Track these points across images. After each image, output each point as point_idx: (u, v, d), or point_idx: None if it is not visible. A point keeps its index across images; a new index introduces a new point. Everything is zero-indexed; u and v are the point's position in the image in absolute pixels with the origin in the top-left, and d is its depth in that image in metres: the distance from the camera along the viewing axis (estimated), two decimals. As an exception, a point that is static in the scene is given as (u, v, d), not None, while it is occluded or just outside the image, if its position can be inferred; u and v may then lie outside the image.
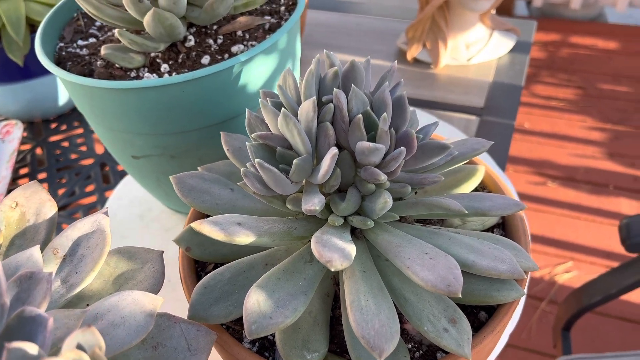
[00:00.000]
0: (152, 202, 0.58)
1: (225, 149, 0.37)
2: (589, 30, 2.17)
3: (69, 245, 0.31)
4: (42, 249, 0.31)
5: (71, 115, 0.77)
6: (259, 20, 0.44)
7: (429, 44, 0.79)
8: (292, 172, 0.30)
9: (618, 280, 0.76)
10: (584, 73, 1.97)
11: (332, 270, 0.27)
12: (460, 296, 0.27)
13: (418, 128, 0.35)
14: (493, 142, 0.37)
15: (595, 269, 1.38)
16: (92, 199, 0.63)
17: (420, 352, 0.32)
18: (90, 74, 0.42)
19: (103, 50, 0.41)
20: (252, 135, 0.31)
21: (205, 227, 0.29)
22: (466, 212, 0.31)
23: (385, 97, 0.31)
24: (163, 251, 0.34)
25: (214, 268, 0.37)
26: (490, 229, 0.38)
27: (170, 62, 0.42)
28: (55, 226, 0.33)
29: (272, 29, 0.44)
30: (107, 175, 0.68)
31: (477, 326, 0.33)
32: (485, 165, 0.40)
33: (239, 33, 0.44)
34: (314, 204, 0.29)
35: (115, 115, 0.41)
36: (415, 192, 0.38)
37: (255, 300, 0.28)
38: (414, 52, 0.79)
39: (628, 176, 1.62)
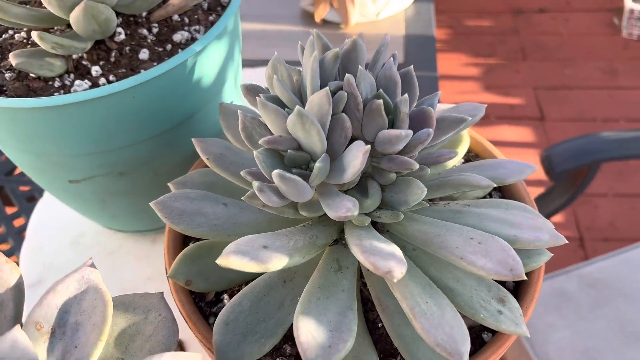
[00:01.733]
0: (84, 223, 0.50)
1: (204, 158, 0.31)
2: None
3: (55, 315, 0.25)
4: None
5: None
6: (194, 0, 0.38)
7: (336, 3, 0.75)
8: (314, 177, 0.26)
9: (542, 207, 0.81)
10: (450, 13, 2.06)
11: (395, 280, 0.24)
12: (525, 277, 0.25)
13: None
14: (487, 105, 0.36)
15: (494, 196, 1.48)
16: (-3, 232, 0.53)
17: (465, 336, 0.31)
18: (-2, 90, 0.34)
19: (14, 60, 0.32)
20: (260, 141, 0.26)
21: (234, 262, 0.24)
22: (494, 184, 0.29)
23: (394, 74, 0.28)
24: (162, 292, 0.28)
25: (216, 296, 0.32)
26: (489, 194, 0.37)
27: (102, 63, 0.35)
28: (24, 294, 0.26)
29: (212, 8, 0.39)
30: (7, 198, 0.58)
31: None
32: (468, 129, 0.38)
33: (175, 17, 0.37)
34: (348, 208, 0.25)
35: (46, 137, 0.33)
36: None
37: (307, 332, 0.25)
38: (322, 12, 0.76)
39: (504, 105, 1.75)
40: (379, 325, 0.31)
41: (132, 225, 0.46)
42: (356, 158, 0.25)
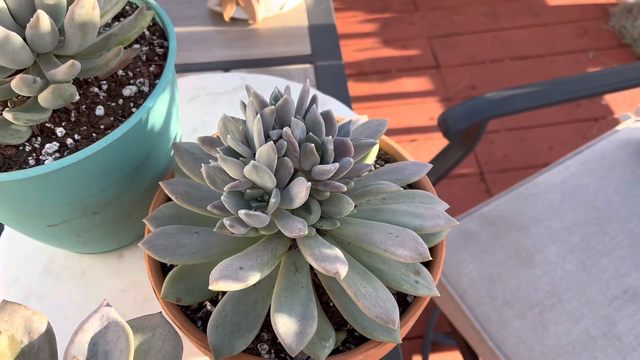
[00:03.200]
0: (49, 250, 0.55)
1: (173, 197, 0.38)
2: None
3: (86, 348, 0.32)
4: (62, 363, 0.31)
5: None
6: (133, 52, 0.43)
7: (242, 1, 0.81)
8: (270, 208, 0.34)
9: (442, 164, 0.93)
10: (341, -29, 2.12)
11: (341, 278, 0.33)
12: (431, 258, 0.35)
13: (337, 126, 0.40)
14: (387, 120, 0.45)
15: (403, 146, 1.62)
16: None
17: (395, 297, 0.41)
18: (-28, 160, 0.39)
19: (-13, 134, 0.37)
20: (225, 188, 0.34)
21: (222, 285, 0.32)
22: (402, 189, 0.39)
23: (318, 118, 0.36)
24: (160, 312, 0.36)
25: (198, 304, 0.40)
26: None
27: (64, 124, 0.40)
28: (55, 337, 0.33)
29: (150, 58, 0.44)
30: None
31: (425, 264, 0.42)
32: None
33: (120, 72, 0.43)
34: (300, 229, 0.34)
35: (28, 199, 0.39)
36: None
37: (283, 324, 0.33)
38: (230, 12, 0.81)
39: (403, 57, 1.87)
40: (331, 304, 0.40)
41: (100, 248, 0.52)
42: (301, 192, 0.34)
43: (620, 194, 0.93)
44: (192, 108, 0.67)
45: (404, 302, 0.41)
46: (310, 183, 0.33)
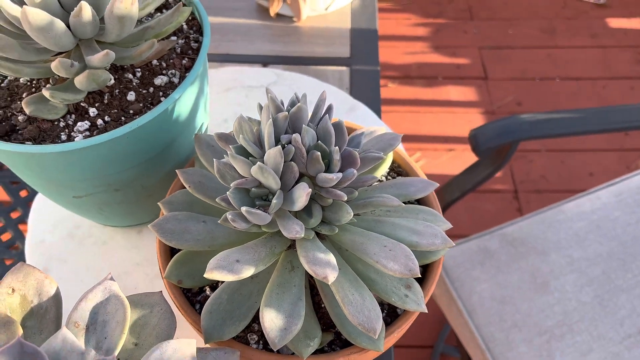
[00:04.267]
0: (77, 218, 0.59)
1: (187, 186, 0.41)
2: None
3: (87, 316, 0.34)
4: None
5: None
6: (169, 43, 0.46)
7: (289, -1, 0.83)
8: (272, 208, 0.36)
9: (470, 178, 0.93)
10: (401, -27, 2.11)
11: (329, 283, 0.35)
12: (420, 275, 0.37)
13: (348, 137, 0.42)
14: (401, 135, 0.46)
15: (439, 154, 1.61)
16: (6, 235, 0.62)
17: (385, 311, 0.42)
18: (12, 130, 0.42)
19: (27, 108, 0.40)
20: (232, 184, 0.36)
21: (216, 275, 0.34)
22: (403, 204, 0.40)
23: (329, 128, 0.38)
24: (161, 291, 0.38)
25: (199, 288, 0.42)
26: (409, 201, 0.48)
27: (97, 105, 0.43)
28: (62, 301, 0.36)
29: (184, 51, 0.47)
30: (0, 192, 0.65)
31: (419, 280, 0.43)
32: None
33: (155, 62, 0.45)
34: (297, 231, 0.36)
35: (57, 170, 0.42)
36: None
37: (270, 319, 0.35)
38: (275, 8, 0.83)
39: (451, 65, 1.85)
40: (322, 306, 0.42)
41: (122, 222, 0.55)
42: (301, 197, 0.35)
43: (650, 231, 0.90)
44: (226, 99, 0.69)
45: (394, 314, 0.42)
46: (310, 189, 0.35)
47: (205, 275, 0.34)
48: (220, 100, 0.70)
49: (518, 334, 0.82)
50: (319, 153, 0.36)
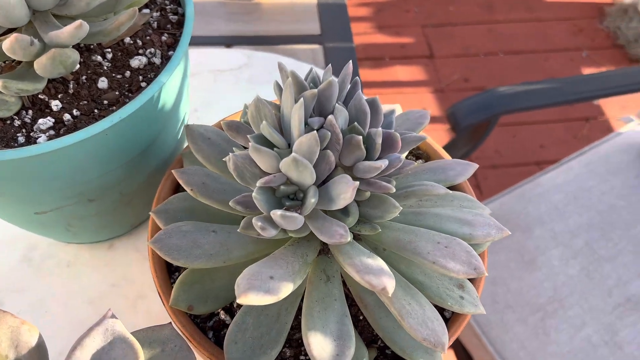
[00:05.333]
0: (31, 236, 0.49)
1: (188, 189, 0.33)
2: None
3: (86, 368, 0.26)
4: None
5: None
6: (142, 17, 0.37)
7: (247, -27, 0.74)
8: (307, 208, 0.29)
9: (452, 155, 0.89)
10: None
11: (389, 295, 0.28)
12: (487, 274, 0.31)
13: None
14: (429, 111, 0.40)
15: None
16: None
17: (430, 316, 0.36)
18: (-50, 134, 0.33)
19: (-30, 105, 0.31)
20: (258, 184, 0.29)
21: (253, 299, 0.27)
22: (450, 192, 0.34)
23: (364, 106, 0.31)
24: (170, 322, 0.31)
25: (209, 314, 0.35)
26: (433, 183, 0.42)
27: (60, 96, 0.34)
28: (47, 352, 0.27)
29: (162, 26, 0.38)
30: None
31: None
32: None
33: (127, 40, 0.37)
34: (341, 235, 0.29)
35: (14, 182, 0.33)
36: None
37: (318, 345, 0.29)
38: (233, -17, 0.75)
39: (396, 45, 1.82)
40: (360, 317, 0.36)
41: (91, 238, 0.46)
42: (345, 192, 0.29)
43: (624, 198, 0.90)
44: (192, 85, 0.61)
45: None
46: (357, 182, 0.28)
47: (238, 301, 0.27)
48: (185, 88, 0.61)
49: (512, 314, 0.80)
50: (359, 137, 0.29)
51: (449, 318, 0.36)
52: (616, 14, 1.88)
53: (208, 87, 0.61)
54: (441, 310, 0.37)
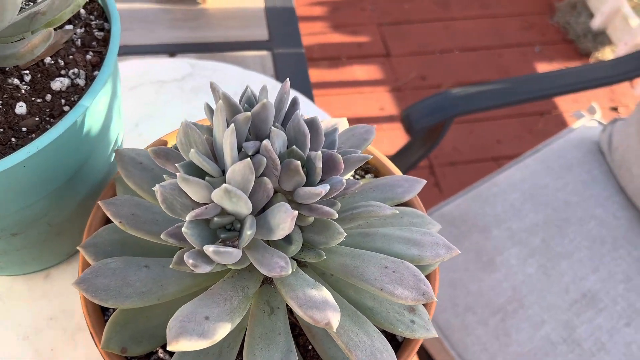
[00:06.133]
0: (-43, 270, 0.45)
1: (117, 222, 0.31)
2: None
3: None
4: None
5: None
6: (65, 34, 0.35)
7: (191, -22, 0.72)
8: (244, 241, 0.27)
9: (405, 161, 0.89)
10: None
11: (334, 330, 0.27)
12: (436, 299, 0.30)
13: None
14: (374, 127, 0.38)
15: (353, 136, 1.56)
16: None
17: (382, 340, 0.35)
18: None
19: None
20: (188, 217, 0.26)
21: (185, 345, 0.25)
22: (397, 212, 0.33)
23: (303, 127, 0.29)
24: (101, 369, 0.28)
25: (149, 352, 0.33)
26: (382, 198, 0.41)
27: (-29, 124, 0.31)
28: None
29: (87, 44, 0.36)
30: None
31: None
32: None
33: (48, 60, 0.34)
34: (282, 267, 0.27)
35: None
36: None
37: (260, 387, 0.27)
38: (176, -11, 0.72)
39: (353, 44, 1.81)
40: (309, 347, 0.34)
41: (22, 270, 0.43)
42: (285, 222, 0.27)
43: (578, 194, 0.91)
44: (133, 98, 0.58)
45: (393, 340, 0.35)
46: (296, 211, 0.27)
47: (169, 348, 0.25)
48: (126, 101, 0.58)
49: (472, 316, 0.79)
50: (298, 162, 0.28)
51: (401, 342, 0.35)
52: (565, 9, 1.92)
53: (150, 99, 0.58)
54: (392, 335, 0.35)
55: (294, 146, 0.29)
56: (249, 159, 0.26)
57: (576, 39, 1.85)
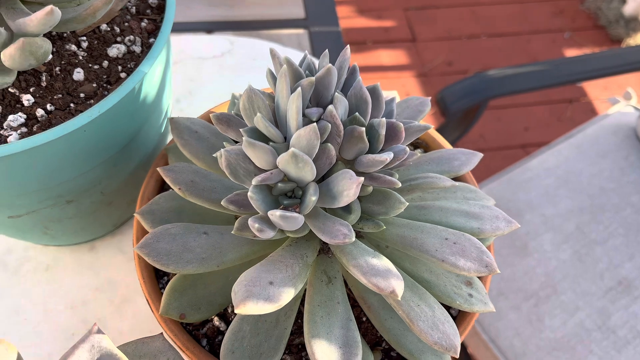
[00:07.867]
0: (6, 240, 0.46)
1: (176, 189, 0.31)
2: None
3: (70, 389, 0.24)
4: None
5: None
6: (119, 2, 0.35)
7: (227, -45, 0.71)
8: (306, 207, 0.27)
9: (448, 135, 0.87)
10: None
11: (398, 299, 0.26)
12: (499, 271, 0.29)
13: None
14: (430, 98, 0.38)
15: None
16: None
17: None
18: None
19: None
20: (253, 182, 0.26)
21: (252, 308, 0.25)
22: (457, 184, 0.32)
23: (365, 94, 0.29)
24: (162, 333, 0.28)
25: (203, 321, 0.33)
26: (433, 173, 0.40)
27: (32, 90, 0.31)
28: (27, 372, 0.25)
29: (141, 11, 0.36)
30: None
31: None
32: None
33: (104, 27, 0.34)
34: (345, 235, 0.27)
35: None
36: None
37: (323, 353, 0.27)
38: (212, -34, 0.71)
39: (379, 29, 1.79)
40: (363, 319, 0.34)
41: (70, 240, 0.44)
42: (349, 189, 0.26)
43: (614, 180, 0.90)
44: (174, 74, 0.58)
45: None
46: (362, 178, 0.26)
47: (236, 311, 0.25)
48: (166, 78, 0.58)
49: (505, 301, 0.79)
50: (362, 129, 0.27)
51: (456, 316, 0.34)
52: (597, -6, 1.87)
53: (190, 76, 0.58)
54: (447, 309, 0.35)
55: (357, 113, 0.28)
56: (314, 123, 0.26)
57: (607, 25, 1.81)
